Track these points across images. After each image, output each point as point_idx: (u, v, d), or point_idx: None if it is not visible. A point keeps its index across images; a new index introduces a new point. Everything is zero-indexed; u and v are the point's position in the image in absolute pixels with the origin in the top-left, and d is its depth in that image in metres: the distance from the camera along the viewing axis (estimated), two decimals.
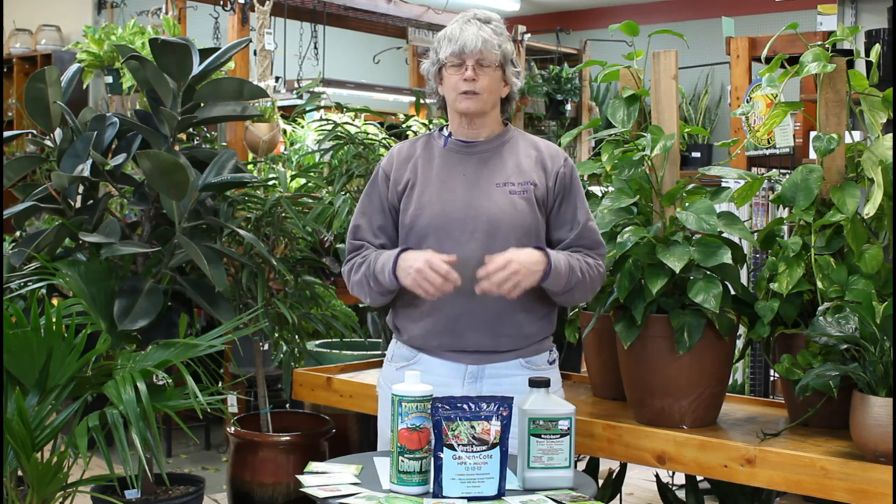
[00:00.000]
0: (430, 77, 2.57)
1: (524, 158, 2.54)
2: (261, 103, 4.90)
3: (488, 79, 2.48)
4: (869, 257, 2.56)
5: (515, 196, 2.48)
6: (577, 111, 7.90)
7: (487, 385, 2.49)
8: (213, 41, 6.14)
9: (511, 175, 2.51)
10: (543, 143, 2.59)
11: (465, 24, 2.49)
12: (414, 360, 2.54)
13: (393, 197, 2.55)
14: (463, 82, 2.46)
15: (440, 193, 2.50)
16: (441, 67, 2.52)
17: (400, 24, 6.58)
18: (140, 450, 2.84)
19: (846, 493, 2.27)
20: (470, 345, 2.48)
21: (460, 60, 2.46)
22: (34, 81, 3.35)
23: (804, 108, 3.60)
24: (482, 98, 2.48)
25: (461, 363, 2.50)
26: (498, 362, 2.50)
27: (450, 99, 2.52)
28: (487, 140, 2.55)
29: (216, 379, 3.52)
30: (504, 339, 2.49)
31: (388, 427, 2.55)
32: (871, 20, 5.39)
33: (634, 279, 2.61)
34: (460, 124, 2.55)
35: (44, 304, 3.09)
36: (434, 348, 2.51)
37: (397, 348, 2.60)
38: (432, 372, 2.48)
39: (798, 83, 5.01)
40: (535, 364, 2.53)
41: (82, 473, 3.07)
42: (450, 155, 2.55)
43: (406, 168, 2.56)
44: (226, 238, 3.70)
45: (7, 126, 7.33)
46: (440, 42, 2.52)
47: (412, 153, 2.58)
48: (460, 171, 2.52)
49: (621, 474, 3.31)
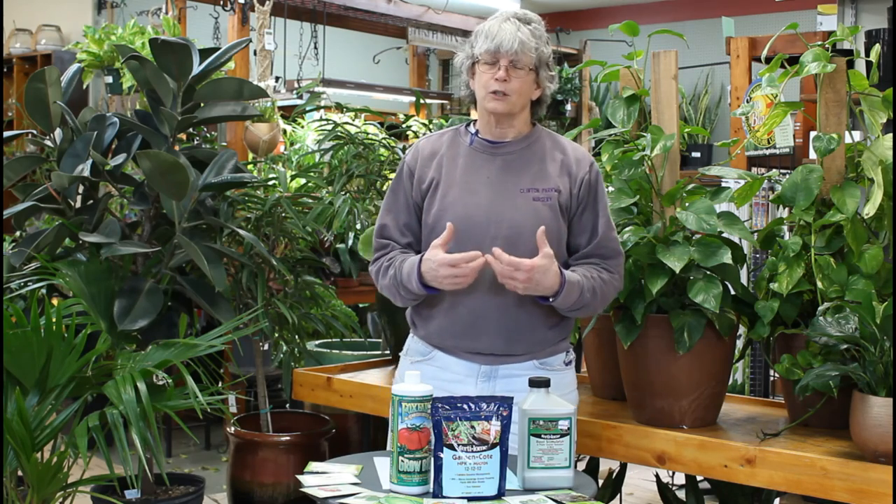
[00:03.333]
0: (462, 70, 2.53)
1: (550, 163, 2.50)
2: (261, 103, 4.90)
3: (520, 81, 2.43)
4: (869, 257, 2.56)
5: (539, 203, 2.44)
6: (577, 111, 7.90)
7: (501, 384, 2.48)
8: (213, 41, 6.15)
9: (535, 181, 2.47)
10: (570, 147, 2.55)
11: (505, 21, 2.45)
12: (429, 356, 2.53)
13: (417, 194, 2.52)
14: (494, 82, 2.42)
15: (463, 196, 2.46)
16: (474, 62, 2.48)
17: (400, 24, 6.58)
18: (140, 450, 2.84)
19: (846, 493, 2.28)
20: (485, 347, 2.47)
21: (494, 59, 2.42)
22: (34, 81, 3.35)
23: (804, 108, 3.60)
24: (511, 100, 2.44)
25: (475, 363, 2.49)
26: (511, 363, 2.48)
27: (479, 96, 2.48)
28: (514, 141, 2.51)
29: (216, 379, 3.52)
30: (519, 344, 2.47)
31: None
32: (871, 20, 5.39)
33: (634, 279, 2.61)
34: (488, 123, 2.51)
35: (44, 304, 3.09)
36: (449, 347, 2.50)
37: (413, 343, 2.59)
38: (447, 369, 2.49)
39: (798, 83, 5.01)
40: (549, 365, 2.51)
41: (82, 473, 3.07)
42: (475, 154, 2.51)
43: (431, 165, 2.52)
44: (226, 238, 3.70)
45: (7, 126, 7.33)
46: (476, 36, 2.48)
47: (437, 149, 2.54)
48: (485, 174, 2.48)
49: (621, 474, 3.31)
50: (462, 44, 2.57)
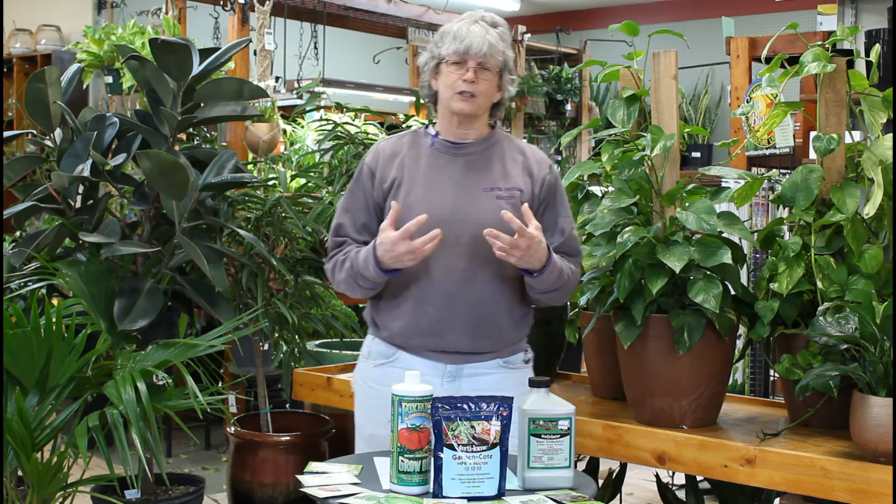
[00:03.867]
0: (425, 70, 2.56)
1: (510, 163, 2.55)
2: (261, 103, 4.90)
3: (487, 83, 2.48)
4: (869, 257, 2.56)
5: (502, 201, 2.49)
6: (577, 111, 7.90)
7: (466, 383, 2.51)
8: (213, 41, 6.14)
9: (498, 180, 2.52)
10: (530, 149, 2.62)
11: (473, 24, 2.49)
12: (392, 358, 2.54)
13: (378, 195, 2.54)
14: (462, 83, 2.46)
15: (427, 195, 2.49)
16: (440, 63, 2.51)
17: (400, 24, 6.58)
18: (140, 450, 2.84)
19: (846, 493, 2.27)
20: (450, 346, 2.50)
21: (463, 60, 2.46)
22: (34, 81, 3.35)
23: (804, 108, 3.60)
24: (478, 101, 2.49)
25: (440, 362, 2.51)
26: (477, 362, 2.52)
27: (444, 97, 2.51)
28: (475, 142, 2.55)
29: (216, 379, 3.52)
30: (484, 341, 2.51)
31: (367, 425, 2.58)
32: (871, 20, 5.38)
33: (634, 279, 2.61)
34: (450, 123, 2.54)
35: (44, 304, 3.09)
36: (414, 346, 2.52)
37: (375, 345, 2.60)
38: (411, 369, 2.49)
39: (798, 83, 5.00)
40: (512, 363, 2.57)
41: (82, 473, 3.07)
42: (437, 155, 2.55)
43: (392, 165, 2.54)
44: (226, 238, 3.70)
45: (7, 126, 7.33)
46: (443, 37, 2.50)
47: (398, 150, 2.57)
48: (447, 173, 2.52)
49: (621, 474, 3.31)
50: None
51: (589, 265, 2.80)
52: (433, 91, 2.56)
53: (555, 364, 3.26)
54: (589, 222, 2.72)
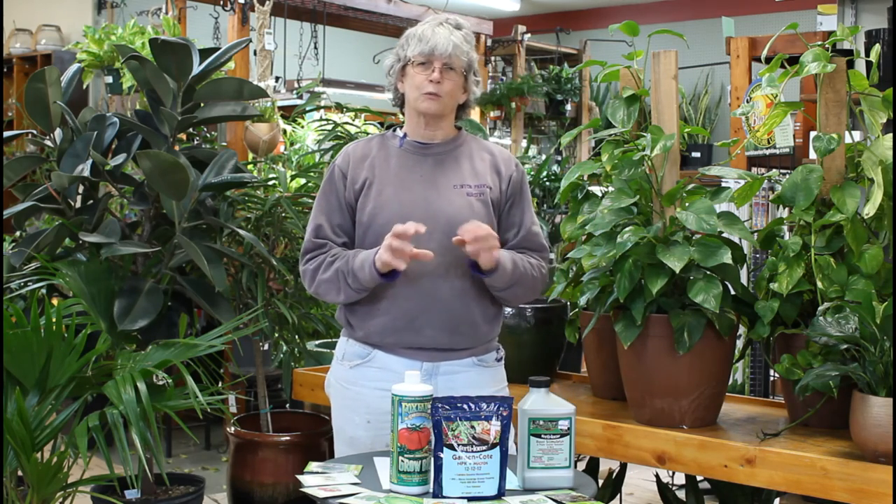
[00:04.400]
0: (391, 73, 2.60)
1: (479, 162, 2.60)
2: (261, 103, 4.90)
3: (452, 83, 2.53)
4: (869, 257, 2.56)
5: (472, 198, 2.54)
6: (577, 111, 7.91)
7: (442, 381, 2.52)
8: (213, 41, 6.14)
9: (467, 177, 2.56)
10: (496, 149, 2.67)
11: (437, 26, 2.54)
12: (368, 358, 2.56)
13: (350, 195, 2.57)
14: (428, 83, 2.51)
15: (398, 193, 2.53)
16: (406, 65, 2.55)
17: (400, 24, 6.57)
18: (140, 450, 2.84)
19: (846, 493, 2.27)
20: (427, 342, 2.52)
21: (428, 61, 2.51)
22: (34, 81, 3.35)
23: (804, 108, 3.60)
24: (444, 101, 2.53)
25: (417, 360, 2.52)
26: (453, 360, 2.55)
27: (411, 98, 2.56)
28: (443, 142, 2.60)
29: (216, 379, 3.52)
30: (460, 338, 2.54)
31: (347, 427, 2.58)
32: (871, 20, 5.38)
33: (634, 279, 2.61)
34: (417, 124, 2.58)
35: (44, 304, 3.09)
36: (391, 345, 2.54)
37: (349, 346, 2.61)
38: (387, 368, 2.52)
39: (798, 83, 5.00)
40: (486, 361, 2.60)
41: (82, 473, 3.07)
42: (406, 155, 2.59)
43: (363, 167, 2.58)
44: (226, 238, 3.70)
45: (7, 126, 7.33)
46: (408, 40, 2.55)
47: (368, 152, 2.61)
48: (417, 172, 2.56)
49: (621, 474, 3.31)
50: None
51: (589, 265, 2.80)
52: (400, 94, 2.61)
53: (555, 364, 3.26)
54: (589, 222, 2.72)
